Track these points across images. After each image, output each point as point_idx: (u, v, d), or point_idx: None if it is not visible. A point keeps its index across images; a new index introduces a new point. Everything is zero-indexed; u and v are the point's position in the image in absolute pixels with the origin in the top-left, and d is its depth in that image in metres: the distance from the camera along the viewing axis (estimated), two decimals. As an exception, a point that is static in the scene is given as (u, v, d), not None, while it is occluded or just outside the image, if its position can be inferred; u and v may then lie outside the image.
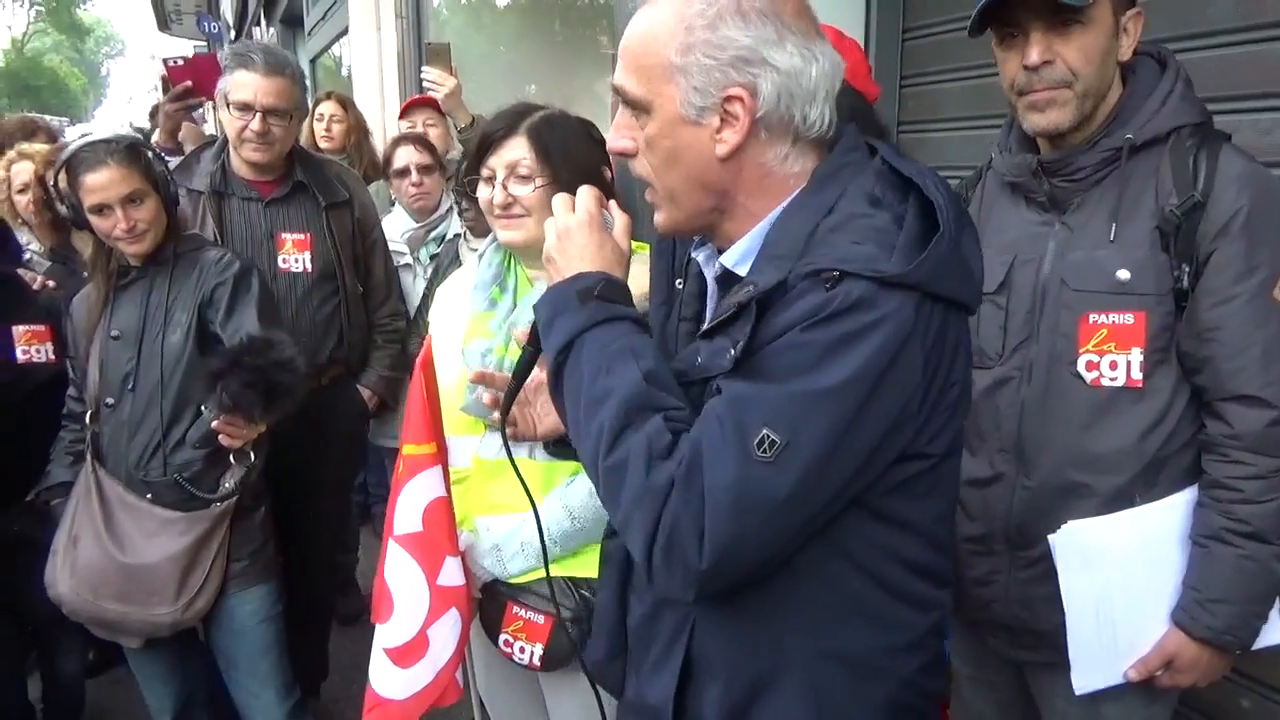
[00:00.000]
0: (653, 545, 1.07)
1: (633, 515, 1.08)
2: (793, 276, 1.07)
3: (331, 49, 9.49)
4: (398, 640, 1.79)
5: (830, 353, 1.02)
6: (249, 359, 2.04)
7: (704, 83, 1.11)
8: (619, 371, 1.12)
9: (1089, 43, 1.53)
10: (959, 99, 2.74)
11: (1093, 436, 1.58)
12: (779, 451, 1.02)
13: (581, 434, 1.16)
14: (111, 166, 2.20)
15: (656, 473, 1.06)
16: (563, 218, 1.28)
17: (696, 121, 1.13)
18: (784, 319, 1.05)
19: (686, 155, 1.15)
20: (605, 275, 1.22)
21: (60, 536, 2.30)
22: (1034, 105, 1.57)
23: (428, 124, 4.08)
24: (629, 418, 1.10)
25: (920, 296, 1.04)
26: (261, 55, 2.73)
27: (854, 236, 1.07)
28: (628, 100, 1.17)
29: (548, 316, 1.21)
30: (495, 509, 1.89)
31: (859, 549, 1.15)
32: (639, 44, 1.15)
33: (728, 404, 1.06)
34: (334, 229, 2.90)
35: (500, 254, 1.99)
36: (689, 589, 1.09)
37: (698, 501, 1.04)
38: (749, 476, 1.02)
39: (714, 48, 1.10)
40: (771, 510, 1.04)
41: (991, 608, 1.74)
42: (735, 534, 1.04)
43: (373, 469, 4.45)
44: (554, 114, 1.90)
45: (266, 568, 2.42)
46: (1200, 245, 1.50)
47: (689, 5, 1.11)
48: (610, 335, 1.15)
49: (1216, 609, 1.52)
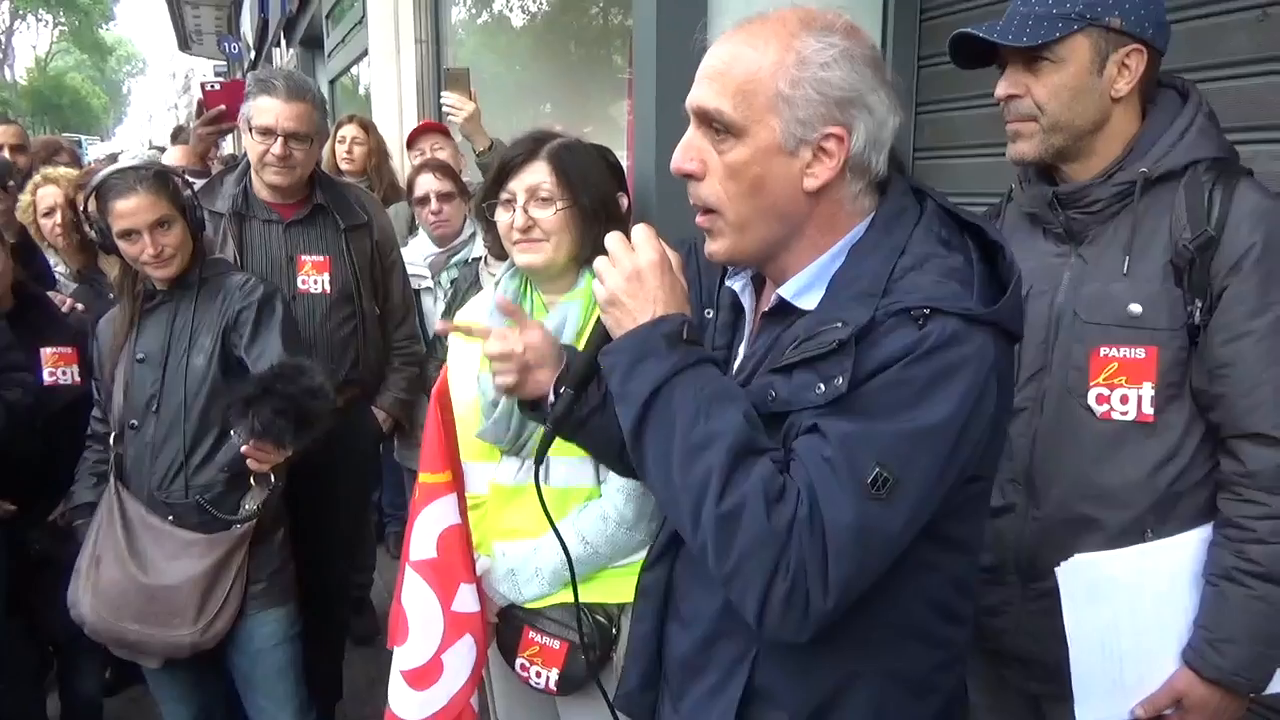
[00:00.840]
0: (770, 589, 1.07)
1: (750, 560, 1.07)
2: (880, 314, 1.10)
3: (351, 70, 9.60)
4: (413, 663, 1.80)
5: (929, 389, 1.06)
6: (280, 386, 2.06)
7: (808, 116, 1.14)
8: (719, 415, 1.11)
9: (1057, 80, 1.56)
10: (975, 126, 2.75)
11: (1102, 470, 1.58)
12: (891, 489, 1.05)
13: (676, 482, 1.12)
14: (141, 193, 2.24)
15: (777, 517, 1.06)
16: (628, 258, 1.23)
17: (792, 153, 1.16)
18: (877, 356, 1.08)
19: (774, 185, 1.17)
20: (686, 317, 1.20)
21: (83, 557, 2.33)
22: (1010, 135, 1.64)
23: (435, 149, 4.12)
24: (738, 462, 1.09)
25: (997, 332, 1.10)
26: (284, 81, 2.78)
27: (935, 276, 1.12)
28: (718, 123, 1.17)
29: (631, 361, 1.17)
30: (511, 534, 1.91)
31: (919, 570, 1.18)
32: (741, 70, 1.15)
33: (837, 443, 1.07)
34: (353, 251, 2.93)
35: (516, 280, 2.01)
36: (806, 629, 1.09)
37: (820, 542, 1.05)
38: (868, 515, 1.05)
39: (825, 85, 1.13)
40: (888, 546, 1.08)
41: (1004, 638, 1.73)
42: (856, 572, 1.07)
43: (388, 488, 4.47)
44: (572, 140, 1.94)
45: (285, 589, 2.44)
46: (1214, 280, 1.50)
47: (802, 41, 1.14)
48: (703, 379, 1.15)
49: (1226, 649, 1.51)
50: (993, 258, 1.19)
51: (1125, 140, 1.60)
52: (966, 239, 1.19)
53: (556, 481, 1.84)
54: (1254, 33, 2.00)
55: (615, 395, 1.20)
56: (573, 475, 1.86)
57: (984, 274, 1.14)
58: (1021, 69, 1.59)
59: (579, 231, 1.87)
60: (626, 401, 1.17)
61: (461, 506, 1.82)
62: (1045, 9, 1.54)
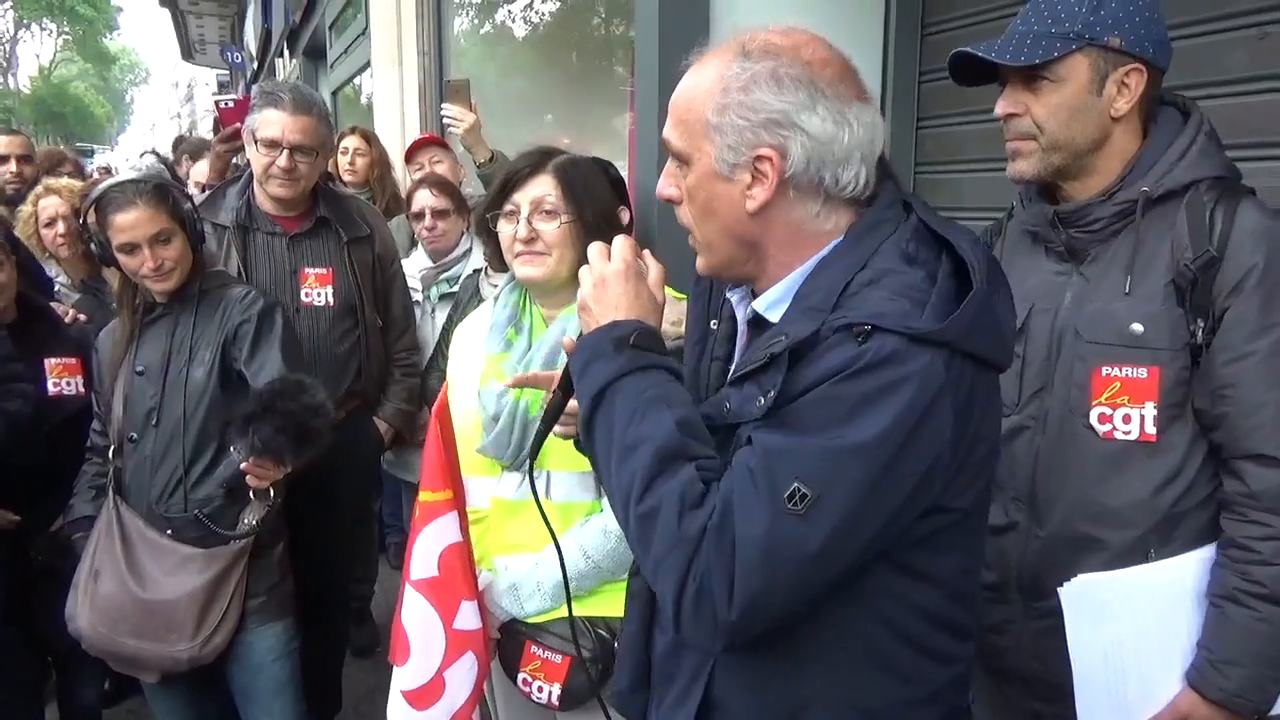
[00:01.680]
0: (682, 594, 1.08)
1: (663, 563, 1.10)
2: (825, 328, 1.09)
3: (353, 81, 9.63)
4: (415, 683, 1.80)
5: (861, 407, 1.04)
6: (281, 403, 2.05)
7: (736, 141, 1.16)
8: (652, 419, 1.14)
9: (1056, 100, 1.56)
10: (976, 141, 2.75)
11: (1104, 490, 1.58)
12: (810, 505, 1.03)
13: (612, 480, 1.17)
14: (140, 207, 2.24)
15: (689, 522, 1.08)
16: (599, 265, 1.30)
17: (729, 177, 1.18)
18: (815, 371, 1.07)
19: (720, 208, 1.20)
20: (640, 324, 1.24)
21: (82, 570, 2.33)
22: (1010, 153, 1.64)
23: (434, 162, 4.12)
24: (661, 465, 1.11)
25: (950, 353, 1.06)
26: (290, 94, 2.80)
27: (887, 292, 1.10)
28: (670, 152, 1.24)
29: (582, 362, 1.23)
30: (513, 548, 1.91)
31: (881, 600, 1.16)
32: (684, 101, 1.21)
33: (760, 455, 1.07)
34: (355, 263, 2.94)
35: (516, 294, 2.01)
36: (716, 639, 1.10)
37: (729, 553, 1.05)
38: (779, 530, 1.04)
39: (747, 109, 1.14)
40: (801, 564, 1.05)
41: (1006, 656, 1.73)
42: (764, 587, 1.05)
43: (388, 500, 4.47)
44: (577, 156, 1.95)
45: (283, 604, 2.44)
46: (1215, 300, 1.49)
47: (729, 68, 1.16)
48: (644, 383, 1.17)
49: (1229, 671, 1.50)
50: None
51: (1126, 159, 1.60)
52: (943, 255, 1.15)
53: (558, 496, 1.84)
54: (1254, 50, 2.00)
55: (576, 395, 1.26)
56: (574, 490, 1.85)
57: (950, 291, 1.10)
58: (1021, 87, 1.59)
59: (581, 246, 1.86)
60: (580, 400, 1.24)
61: (462, 524, 1.82)
62: (1044, 28, 1.54)
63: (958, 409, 1.08)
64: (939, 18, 2.89)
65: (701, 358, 1.39)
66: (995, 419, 1.20)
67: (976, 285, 1.09)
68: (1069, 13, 1.54)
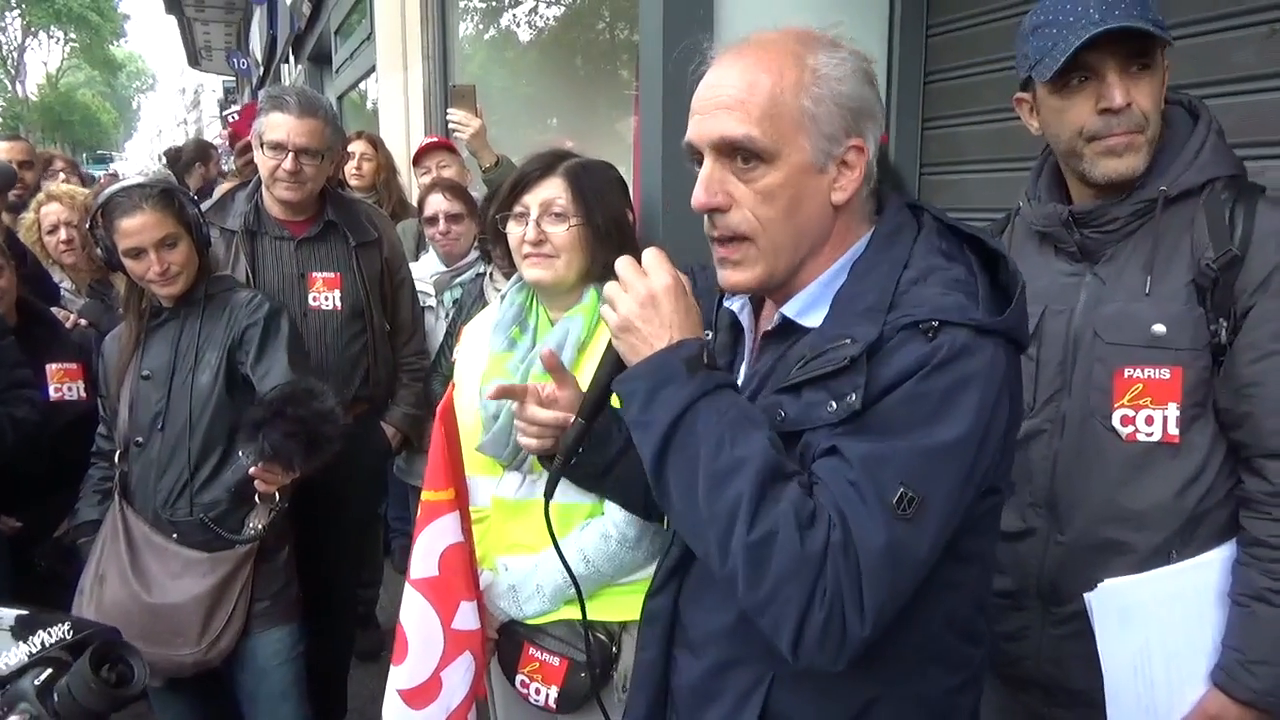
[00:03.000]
0: (807, 617, 1.04)
1: (785, 587, 1.05)
2: (888, 329, 1.09)
3: (359, 86, 9.66)
4: (411, 682, 1.79)
5: (946, 403, 1.05)
6: (292, 409, 2.05)
7: (833, 130, 1.14)
8: (744, 441, 1.08)
9: (1155, 89, 1.53)
10: (981, 142, 2.74)
11: (1129, 492, 1.56)
12: (917, 508, 1.04)
13: (702, 509, 1.09)
14: (146, 211, 2.24)
15: (810, 543, 1.04)
16: (642, 283, 1.19)
17: (823, 169, 1.16)
18: (889, 371, 1.07)
19: (808, 204, 1.17)
20: (704, 342, 1.18)
21: (87, 575, 2.32)
22: (1111, 150, 1.53)
23: (441, 166, 4.12)
24: (767, 488, 1.06)
25: (1006, 342, 1.09)
26: (296, 97, 2.80)
27: (940, 288, 1.11)
28: (746, 151, 1.15)
29: (650, 388, 1.14)
30: (513, 549, 1.90)
31: (942, 590, 1.16)
32: (764, 95, 1.13)
33: (859, 465, 1.05)
34: (363, 268, 2.94)
35: (523, 294, 2.00)
36: (842, 657, 1.06)
37: (855, 568, 1.04)
38: (896, 536, 1.04)
39: (843, 97, 1.14)
40: (917, 566, 1.06)
41: (1023, 664, 1.71)
42: (891, 596, 1.05)
43: (393, 502, 4.47)
44: (588, 160, 1.94)
45: (289, 608, 2.43)
46: (1238, 300, 1.48)
47: (814, 57, 1.14)
48: (725, 404, 1.12)
49: (1260, 670, 1.49)
50: (993, 268, 1.17)
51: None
52: (966, 251, 1.17)
53: (558, 498, 1.81)
54: (1262, 48, 2.00)
55: (633, 424, 1.17)
56: (574, 491, 1.84)
57: (986, 284, 1.13)
58: (1121, 77, 1.51)
59: (590, 250, 1.87)
60: (648, 430, 1.14)
61: (464, 524, 1.81)
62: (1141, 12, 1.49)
63: (1012, 394, 1.12)
64: (943, 18, 2.89)
65: None
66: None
67: (1020, 277, 1.12)
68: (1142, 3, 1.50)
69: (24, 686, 1.54)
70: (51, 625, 1.54)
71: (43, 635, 1.53)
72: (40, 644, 1.53)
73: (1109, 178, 1.55)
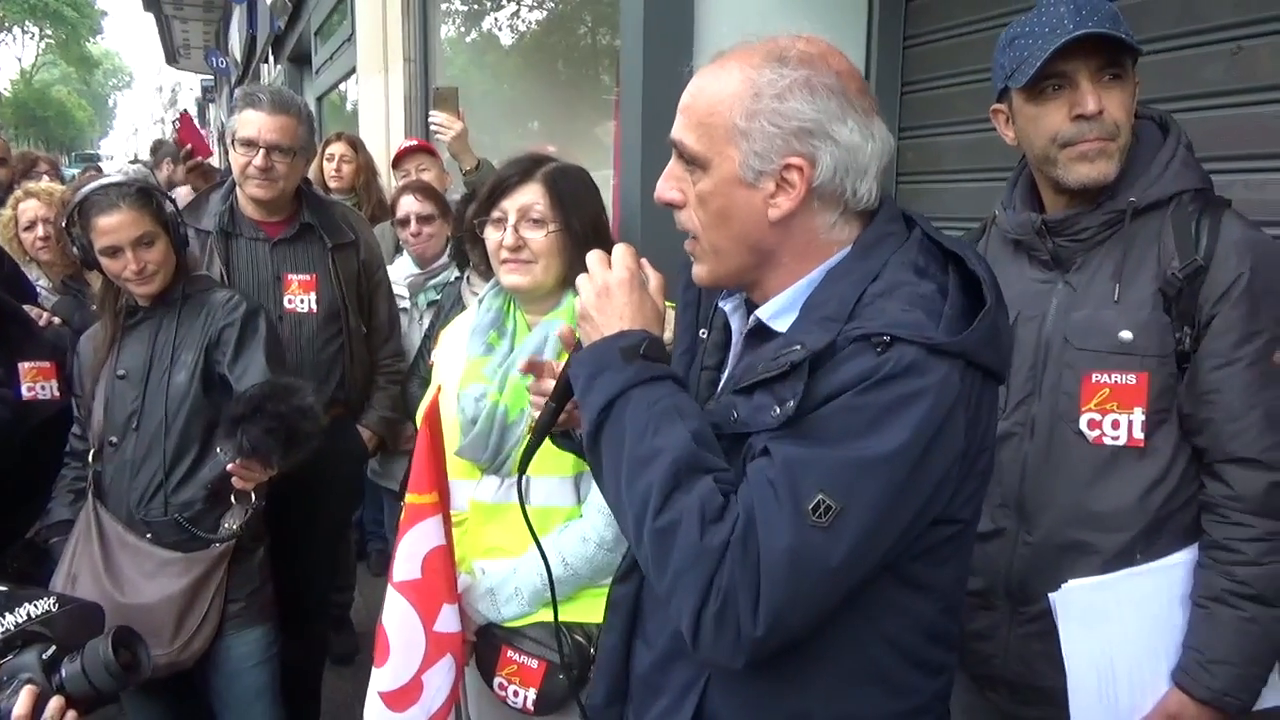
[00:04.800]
0: (703, 610, 1.06)
1: (683, 578, 1.07)
2: (841, 339, 1.08)
3: (339, 88, 9.61)
4: (393, 684, 1.79)
5: (883, 418, 1.04)
6: (271, 405, 2.04)
7: (765, 149, 1.14)
8: (666, 431, 1.11)
9: (1126, 99, 1.57)
10: (956, 152, 2.78)
11: (1095, 495, 1.59)
12: (834, 517, 1.03)
13: (623, 493, 1.14)
14: (123, 210, 2.22)
15: (711, 536, 1.05)
16: (601, 274, 1.26)
17: (753, 184, 1.16)
18: (833, 381, 1.06)
19: (738, 215, 1.18)
20: (647, 333, 1.21)
21: (59, 575, 2.29)
22: (1084, 156, 1.57)
23: (420, 169, 4.11)
24: (679, 478, 1.09)
25: (965, 365, 1.07)
26: (269, 95, 2.80)
27: (902, 303, 1.10)
28: (685, 155, 1.20)
29: (589, 374, 1.19)
30: (492, 552, 1.91)
31: (882, 613, 1.15)
32: (705, 103, 1.17)
33: (782, 467, 1.06)
34: (339, 270, 2.93)
35: (500, 298, 2.01)
36: (738, 655, 1.07)
37: (754, 566, 1.03)
38: (804, 541, 1.03)
39: (780, 117, 1.13)
40: (824, 576, 1.04)
41: (991, 662, 1.74)
42: (789, 600, 1.04)
43: (370, 507, 4.45)
44: (567, 165, 1.95)
45: (263, 609, 2.41)
46: (1202, 308, 1.52)
47: (759, 73, 1.14)
48: (655, 394, 1.15)
49: (1218, 670, 1.52)
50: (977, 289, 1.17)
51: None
52: (949, 269, 1.16)
53: (537, 500, 1.84)
54: (1229, 65, 2.04)
55: (580, 406, 1.22)
56: (553, 495, 1.85)
57: (961, 305, 1.11)
58: (1094, 84, 1.55)
59: (568, 255, 1.87)
60: (585, 412, 1.20)
61: (447, 528, 1.82)
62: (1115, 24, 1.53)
63: (969, 420, 1.09)
64: (920, 30, 2.93)
65: (690, 367, 1.37)
66: (995, 428, 1.21)
67: (990, 300, 1.11)
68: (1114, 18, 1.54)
69: (27, 660, 1.57)
70: (35, 600, 1.56)
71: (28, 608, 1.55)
72: (26, 615, 1.55)
73: (1082, 183, 1.58)
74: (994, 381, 1.16)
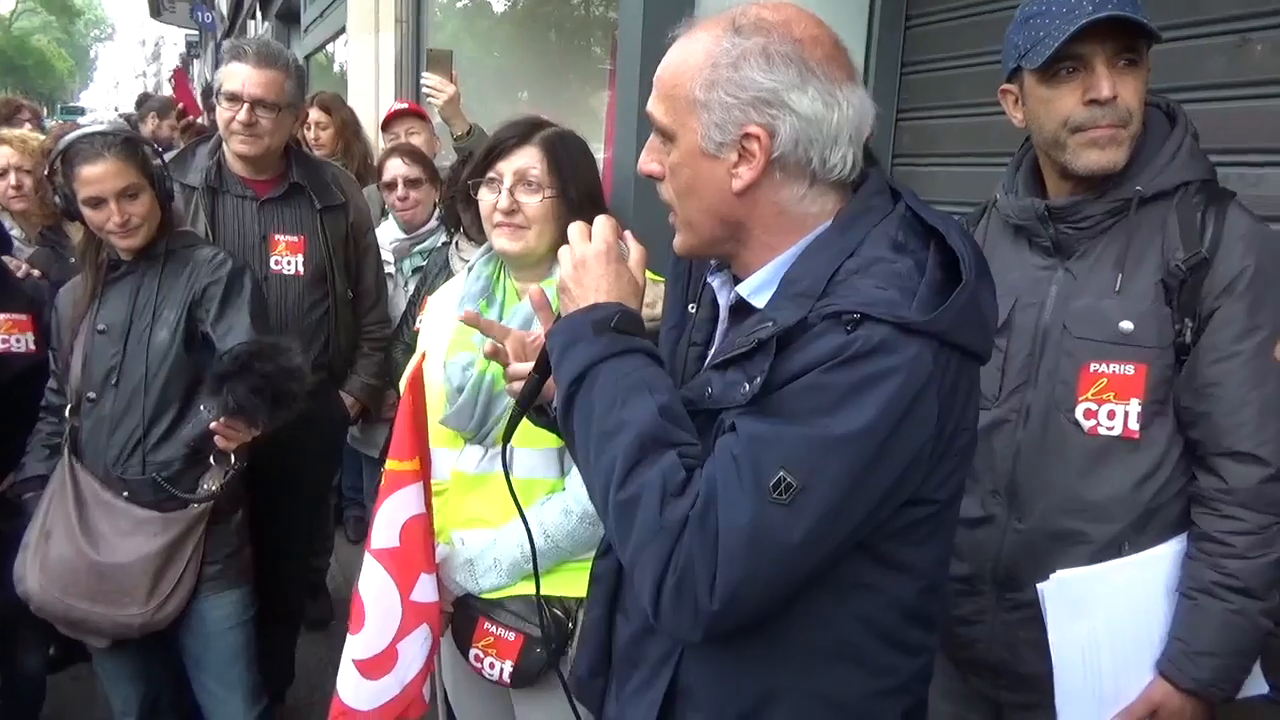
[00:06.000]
0: (662, 583, 1.06)
1: (643, 551, 1.07)
2: (813, 316, 1.07)
3: (326, 48, 9.47)
4: (367, 652, 1.78)
5: (849, 396, 1.02)
6: (258, 364, 2.01)
7: (723, 119, 1.13)
8: (633, 405, 1.11)
9: (1140, 85, 1.55)
10: (955, 135, 2.77)
11: (1088, 484, 1.59)
12: (795, 495, 1.02)
13: (591, 466, 1.15)
14: (109, 160, 2.18)
15: (671, 510, 1.06)
16: (579, 246, 1.26)
17: (715, 155, 1.15)
18: (803, 358, 1.05)
19: (704, 186, 1.17)
20: (621, 307, 1.21)
21: (32, 531, 2.26)
22: (1094, 142, 1.54)
23: (410, 133, 4.05)
24: (643, 452, 1.09)
25: (938, 344, 1.06)
26: (255, 48, 2.75)
27: (877, 281, 1.08)
28: (656, 127, 1.21)
29: (562, 345, 1.20)
30: (471, 523, 1.89)
31: (856, 593, 1.15)
32: (670, 75, 1.18)
33: (745, 443, 1.05)
34: (328, 232, 2.88)
35: (490, 266, 1.98)
36: (696, 629, 1.07)
37: (711, 541, 1.03)
38: (764, 518, 1.02)
39: (736, 87, 1.12)
40: (784, 553, 1.04)
41: (975, 647, 1.74)
42: (747, 576, 1.04)
43: (349, 473, 4.43)
44: (566, 131, 1.91)
45: (241, 572, 2.40)
46: (1204, 301, 1.51)
47: (718, 43, 1.13)
48: (625, 367, 1.15)
49: (1204, 661, 1.53)
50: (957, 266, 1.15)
51: None
52: (931, 246, 1.13)
53: (520, 472, 1.82)
54: (1232, 57, 2.03)
55: (554, 378, 1.23)
56: (536, 467, 1.83)
57: (939, 282, 1.09)
58: (1109, 69, 1.52)
59: (562, 222, 1.83)
60: (558, 385, 1.21)
61: (427, 496, 1.80)
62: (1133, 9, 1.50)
63: (943, 400, 1.08)
64: (923, 11, 2.90)
65: (678, 342, 1.36)
66: (975, 409, 1.20)
67: (966, 277, 1.08)
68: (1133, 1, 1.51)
69: None
70: None
71: None
72: None
73: (1090, 169, 1.56)
74: (974, 361, 1.14)
